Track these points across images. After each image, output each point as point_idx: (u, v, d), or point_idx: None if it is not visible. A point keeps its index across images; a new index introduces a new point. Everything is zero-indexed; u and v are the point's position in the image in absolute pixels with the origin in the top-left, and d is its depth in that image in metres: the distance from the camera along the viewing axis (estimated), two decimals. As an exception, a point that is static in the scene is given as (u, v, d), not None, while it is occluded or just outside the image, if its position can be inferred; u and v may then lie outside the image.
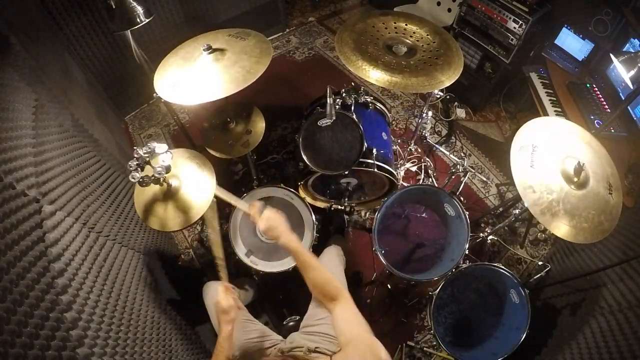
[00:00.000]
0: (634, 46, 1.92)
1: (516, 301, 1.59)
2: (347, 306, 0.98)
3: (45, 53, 1.76)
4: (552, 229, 1.27)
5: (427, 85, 1.61)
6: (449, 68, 1.66)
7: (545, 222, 1.27)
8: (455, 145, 2.74)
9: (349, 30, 1.79)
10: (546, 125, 1.48)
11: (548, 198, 1.30)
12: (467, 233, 1.67)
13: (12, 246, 0.79)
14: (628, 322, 1.28)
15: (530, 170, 1.33)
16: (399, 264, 1.91)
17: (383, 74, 1.61)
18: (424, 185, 2.14)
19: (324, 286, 1.03)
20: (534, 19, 2.17)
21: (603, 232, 1.30)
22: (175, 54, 1.69)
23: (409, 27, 1.86)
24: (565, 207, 1.29)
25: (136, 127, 2.87)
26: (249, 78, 1.48)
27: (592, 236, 1.28)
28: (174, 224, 1.37)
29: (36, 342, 0.72)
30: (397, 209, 2.12)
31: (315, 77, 3.17)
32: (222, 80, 1.50)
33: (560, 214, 1.28)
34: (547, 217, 1.28)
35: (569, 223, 1.27)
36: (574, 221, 1.28)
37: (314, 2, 3.88)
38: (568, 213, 1.28)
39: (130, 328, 1.17)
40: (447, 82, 1.62)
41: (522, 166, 1.34)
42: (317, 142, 1.75)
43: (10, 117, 1.05)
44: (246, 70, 1.50)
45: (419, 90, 1.63)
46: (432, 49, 1.77)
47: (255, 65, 1.52)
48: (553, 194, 1.31)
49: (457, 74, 1.66)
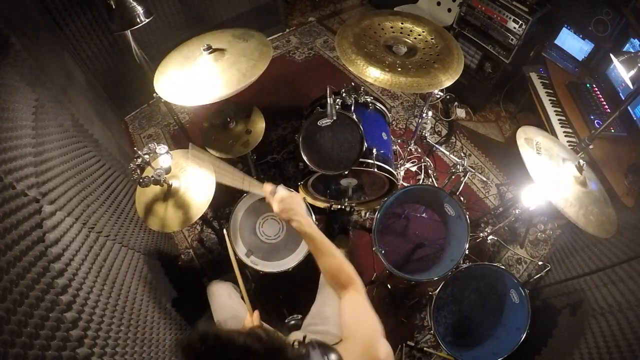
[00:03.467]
0: (634, 46, 1.92)
1: (516, 301, 1.59)
2: (357, 296, 0.94)
3: (45, 53, 1.76)
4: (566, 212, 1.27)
5: (427, 85, 1.61)
6: (449, 68, 1.66)
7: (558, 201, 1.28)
8: (455, 145, 2.74)
9: (349, 30, 1.79)
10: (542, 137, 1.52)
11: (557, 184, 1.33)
12: (467, 233, 1.67)
13: (12, 246, 0.79)
14: (628, 322, 1.28)
15: (537, 157, 1.37)
16: (399, 264, 1.90)
17: (383, 73, 1.61)
18: (424, 185, 2.14)
19: (337, 273, 0.98)
20: (534, 19, 2.17)
21: (606, 232, 1.31)
22: (178, 51, 1.69)
23: (409, 26, 1.86)
24: (575, 194, 1.32)
25: (136, 127, 2.87)
26: (243, 81, 1.47)
27: (598, 231, 1.29)
28: (174, 224, 1.38)
29: (36, 342, 0.72)
30: (397, 209, 2.12)
31: (315, 77, 3.17)
32: (217, 83, 1.49)
33: (570, 199, 1.31)
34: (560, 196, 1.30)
35: (578, 210, 1.29)
36: (583, 210, 1.30)
37: (314, 2, 3.88)
38: (578, 200, 1.31)
39: (130, 328, 1.17)
40: (447, 82, 1.62)
41: (530, 152, 1.37)
42: (317, 142, 1.75)
43: (10, 117, 1.05)
44: (242, 74, 1.49)
45: (419, 90, 1.63)
46: (432, 48, 1.77)
47: (251, 69, 1.50)
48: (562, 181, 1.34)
49: (457, 74, 1.66)
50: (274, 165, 2.58)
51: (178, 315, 1.65)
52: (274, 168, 2.57)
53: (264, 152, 2.60)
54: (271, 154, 2.62)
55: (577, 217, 1.26)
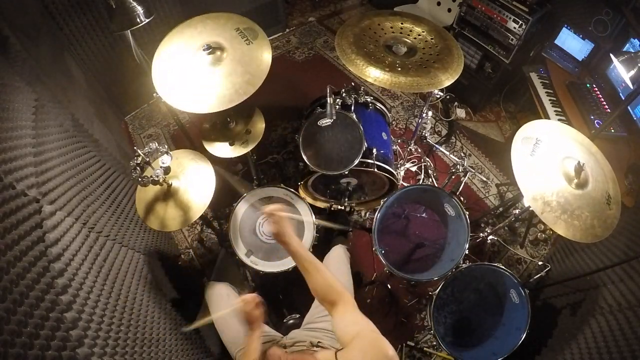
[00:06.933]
0: (634, 46, 1.92)
1: (516, 301, 1.59)
2: (348, 309, 0.95)
3: (45, 53, 1.76)
4: (543, 217, 1.29)
5: (427, 84, 1.61)
6: (449, 68, 1.66)
7: (536, 207, 1.30)
8: (455, 145, 2.74)
9: (349, 30, 1.79)
10: (551, 127, 1.50)
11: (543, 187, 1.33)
12: (467, 233, 1.67)
13: (12, 246, 0.79)
14: (628, 322, 1.28)
15: (529, 158, 1.37)
16: (399, 264, 1.90)
17: (383, 73, 1.61)
18: (424, 185, 2.14)
19: (325, 291, 1.01)
20: (534, 19, 2.17)
21: (594, 237, 1.30)
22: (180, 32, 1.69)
23: (409, 26, 1.86)
24: (559, 199, 1.31)
25: (136, 127, 2.87)
26: (235, 99, 1.44)
27: (582, 236, 1.28)
28: (173, 223, 1.38)
29: (36, 342, 0.72)
30: (397, 209, 2.12)
31: (315, 77, 3.17)
32: (211, 95, 1.47)
33: (553, 204, 1.31)
34: (539, 203, 1.30)
35: (559, 215, 1.29)
36: (565, 215, 1.29)
37: (314, 2, 3.88)
38: (561, 206, 1.30)
39: (130, 328, 1.17)
40: (447, 81, 1.62)
41: (522, 153, 1.37)
42: (317, 142, 1.75)
43: (10, 117, 1.05)
44: (235, 90, 1.46)
45: (419, 90, 1.63)
46: (432, 48, 1.77)
47: (245, 86, 1.47)
48: (548, 185, 1.33)
49: (457, 73, 1.66)
50: (274, 165, 2.58)
51: (178, 315, 1.65)
52: (274, 168, 2.57)
53: (264, 152, 2.60)
54: (271, 154, 2.62)
55: (556, 222, 1.28)
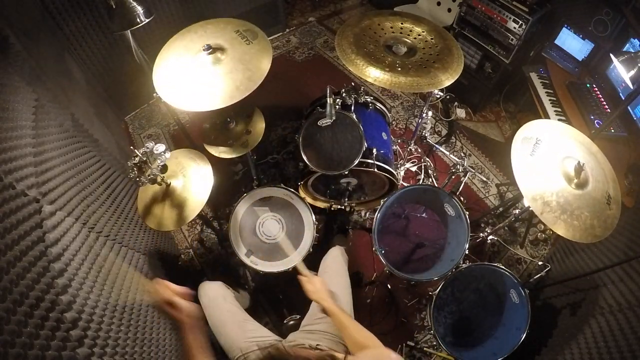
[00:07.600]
0: (634, 46, 1.92)
1: (516, 301, 1.59)
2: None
3: (45, 53, 1.76)
4: (542, 218, 1.29)
5: (427, 84, 1.61)
6: (449, 68, 1.66)
7: (536, 207, 1.30)
8: (455, 145, 2.74)
9: (349, 30, 1.79)
10: (551, 127, 1.50)
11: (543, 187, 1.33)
12: (467, 233, 1.67)
13: (12, 246, 0.79)
14: (628, 322, 1.28)
15: (529, 158, 1.37)
16: (399, 264, 1.90)
17: (383, 73, 1.61)
18: (424, 185, 2.13)
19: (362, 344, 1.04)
20: (534, 19, 2.17)
21: (594, 237, 1.29)
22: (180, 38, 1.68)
23: (409, 26, 1.86)
24: (559, 199, 1.31)
25: (136, 127, 2.87)
26: (236, 96, 1.44)
27: (582, 236, 1.28)
28: (170, 223, 1.38)
29: (36, 342, 0.72)
30: (397, 209, 2.12)
31: (315, 77, 3.17)
32: (212, 93, 1.47)
33: (553, 204, 1.31)
34: (539, 203, 1.30)
35: (559, 215, 1.29)
36: (565, 215, 1.29)
37: (314, 2, 3.88)
38: (560, 206, 1.30)
39: (130, 328, 1.17)
40: (447, 81, 1.62)
41: (522, 153, 1.37)
42: (317, 142, 1.75)
43: (10, 117, 1.05)
44: (235, 86, 1.47)
45: (418, 89, 1.63)
46: (432, 48, 1.77)
47: (246, 82, 1.47)
48: (548, 185, 1.33)
49: (457, 73, 1.66)
50: (274, 165, 2.58)
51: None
52: (274, 168, 2.57)
53: (264, 152, 2.60)
54: (271, 154, 2.61)
55: (556, 222, 1.28)
